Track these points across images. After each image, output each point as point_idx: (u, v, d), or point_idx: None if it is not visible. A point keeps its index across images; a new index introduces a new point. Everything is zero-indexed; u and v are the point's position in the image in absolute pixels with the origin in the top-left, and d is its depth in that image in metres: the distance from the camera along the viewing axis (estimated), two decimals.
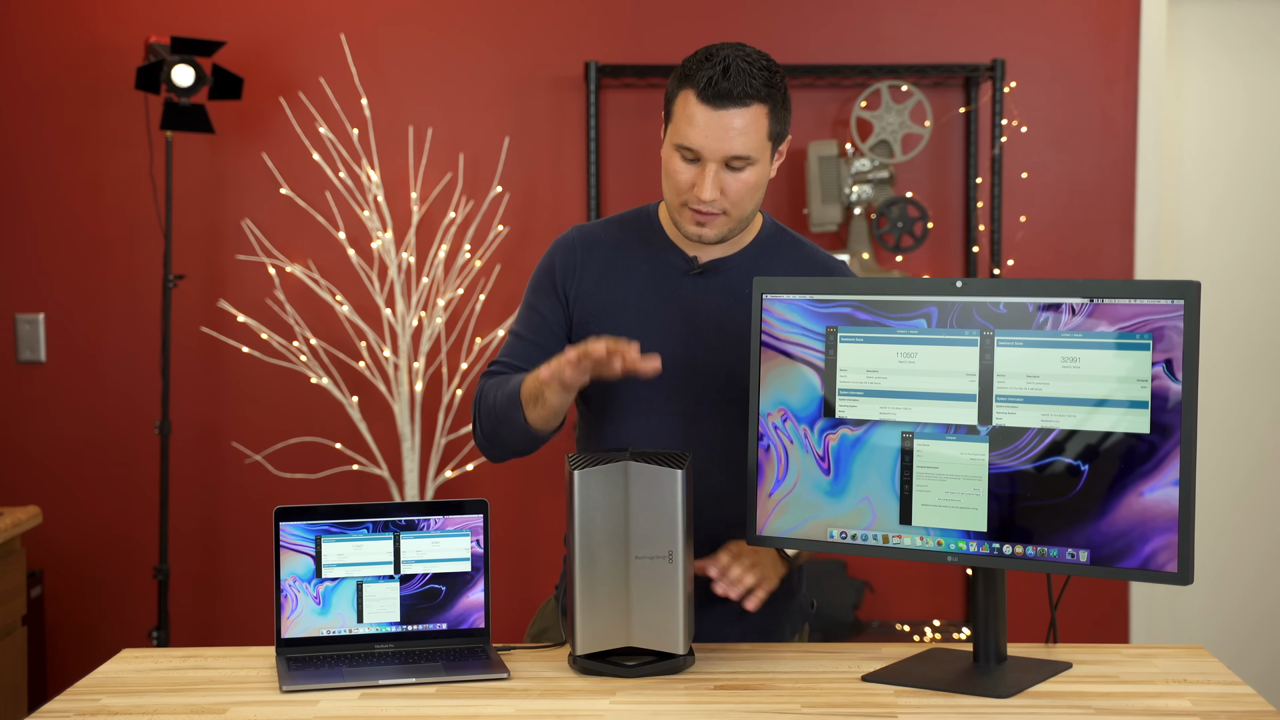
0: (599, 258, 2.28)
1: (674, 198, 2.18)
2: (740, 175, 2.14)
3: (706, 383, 2.24)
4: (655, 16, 4.18)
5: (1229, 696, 1.93)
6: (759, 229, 2.30)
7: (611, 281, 2.27)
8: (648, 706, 1.90)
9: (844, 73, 4.06)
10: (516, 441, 2.22)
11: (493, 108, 4.20)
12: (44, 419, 4.25)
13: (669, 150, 2.17)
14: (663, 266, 2.26)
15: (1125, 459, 1.90)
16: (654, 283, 2.26)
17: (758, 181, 2.16)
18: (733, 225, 2.19)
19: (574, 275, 2.28)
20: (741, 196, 2.16)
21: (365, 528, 2.13)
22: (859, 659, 2.11)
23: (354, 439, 4.18)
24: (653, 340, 2.23)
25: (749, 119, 2.11)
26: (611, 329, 2.24)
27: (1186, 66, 4.31)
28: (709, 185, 2.12)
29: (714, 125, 2.10)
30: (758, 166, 2.15)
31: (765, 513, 2.11)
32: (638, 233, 2.30)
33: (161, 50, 3.90)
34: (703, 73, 2.11)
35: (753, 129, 2.12)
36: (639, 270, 2.27)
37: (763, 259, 2.27)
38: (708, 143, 2.11)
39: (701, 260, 2.26)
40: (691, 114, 2.12)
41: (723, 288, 2.25)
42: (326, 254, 4.17)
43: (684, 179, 2.15)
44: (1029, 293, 1.97)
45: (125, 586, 4.25)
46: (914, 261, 4.21)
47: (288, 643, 2.11)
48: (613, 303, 2.25)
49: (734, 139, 2.10)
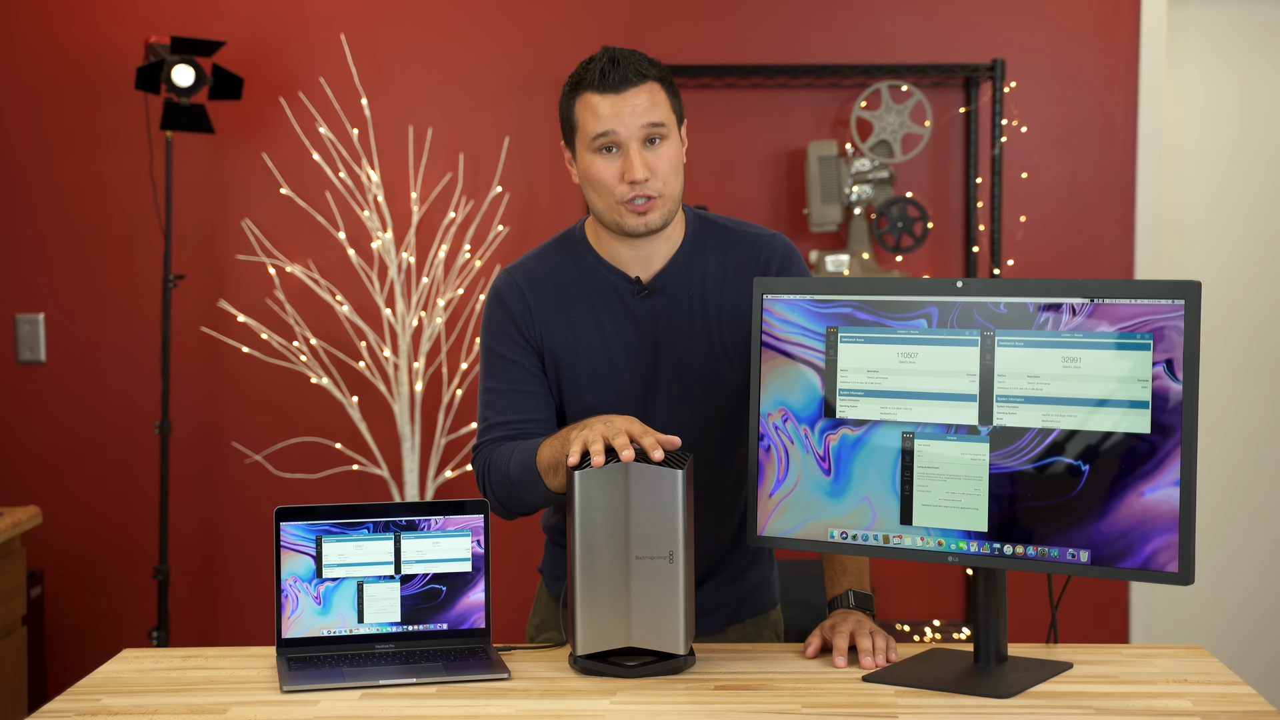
0: (547, 295, 2.26)
1: (607, 200, 2.18)
2: (660, 151, 2.16)
3: (680, 397, 2.24)
4: (655, 16, 4.18)
5: (1229, 696, 1.93)
6: (684, 227, 2.28)
7: (568, 317, 2.25)
8: (648, 706, 1.90)
9: (844, 73, 4.06)
10: (536, 505, 2.21)
11: (493, 108, 4.20)
12: (44, 419, 4.25)
13: (586, 158, 2.18)
14: (608, 291, 2.25)
15: (1126, 459, 1.90)
16: (606, 310, 2.24)
17: (677, 157, 2.19)
18: (670, 206, 2.19)
19: (531, 316, 2.25)
20: (668, 173, 2.17)
21: (366, 528, 2.13)
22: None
23: (354, 439, 4.18)
24: (623, 367, 2.23)
25: (650, 94, 2.16)
26: (584, 364, 2.24)
27: (1186, 66, 4.31)
28: (637, 164, 2.14)
29: (620, 105, 2.14)
30: (672, 141, 2.18)
31: (766, 513, 2.11)
32: (572, 258, 2.27)
33: (161, 50, 3.90)
34: (590, 72, 2.16)
35: (657, 101, 2.16)
36: (587, 300, 2.25)
37: (696, 260, 2.26)
38: (620, 121, 2.14)
39: (643, 279, 2.24)
40: (596, 106, 2.15)
41: (670, 302, 2.24)
42: (326, 254, 4.17)
43: (610, 173, 2.16)
44: (1029, 293, 1.97)
45: (125, 586, 4.25)
46: (914, 261, 4.21)
47: (288, 643, 2.11)
48: (577, 338, 2.24)
49: (643, 112, 2.14)
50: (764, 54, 4.15)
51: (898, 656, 2.09)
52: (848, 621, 2.13)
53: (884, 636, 2.10)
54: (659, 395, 2.24)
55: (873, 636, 2.09)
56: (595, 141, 2.15)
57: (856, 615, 2.15)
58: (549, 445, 2.12)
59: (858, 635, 2.09)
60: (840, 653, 2.07)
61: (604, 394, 2.23)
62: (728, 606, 2.34)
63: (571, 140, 2.21)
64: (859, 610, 2.18)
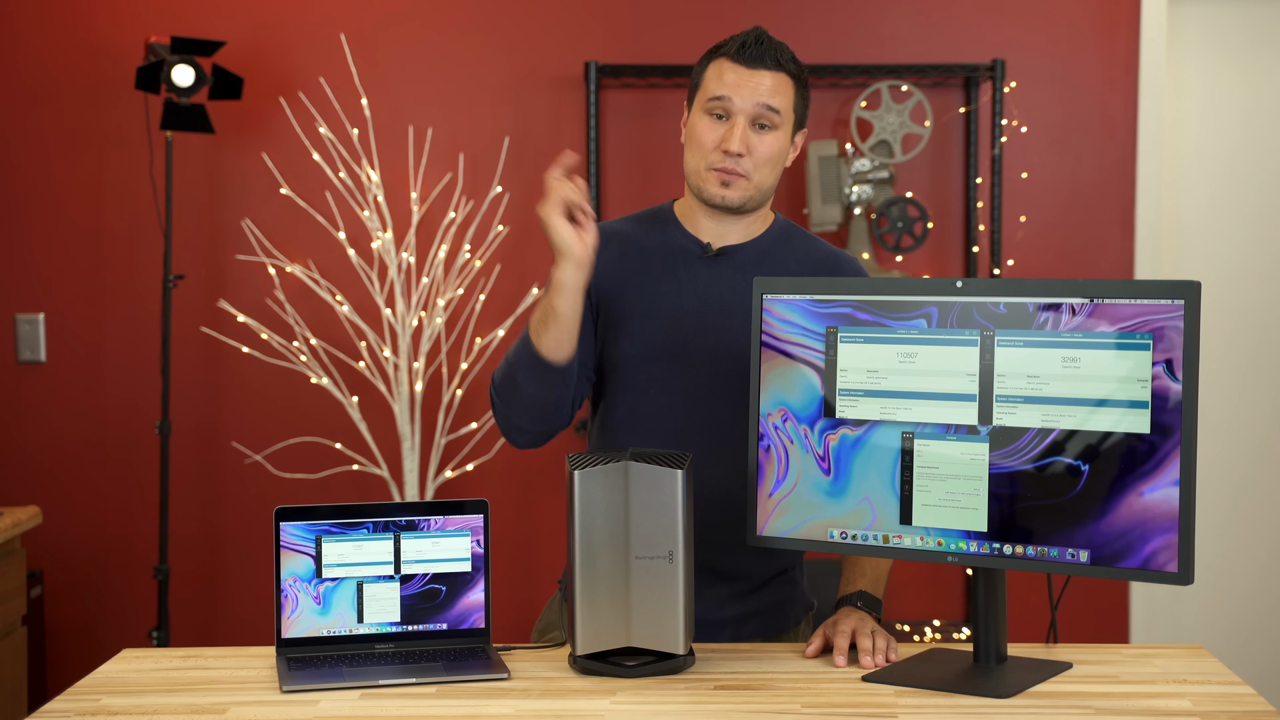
0: (615, 245, 2.31)
1: (699, 160, 2.24)
2: (765, 138, 2.21)
3: (719, 362, 2.25)
4: (655, 16, 4.18)
5: (1229, 696, 1.93)
6: (771, 222, 2.35)
7: (627, 267, 2.30)
8: (648, 706, 1.90)
9: (844, 73, 4.06)
10: (531, 389, 2.18)
11: (493, 108, 4.20)
12: (44, 419, 4.25)
13: (696, 115, 2.24)
14: (677, 251, 2.30)
15: (1125, 459, 1.90)
16: (668, 265, 2.29)
17: (780, 149, 2.23)
18: (753, 193, 2.24)
19: (594, 265, 2.27)
20: (764, 160, 2.22)
21: (365, 528, 2.13)
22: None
23: (354, 439, 4.18)
24: (666, 322, 2.26)
25: (778, 82, 2.22)
26: (625, 308, 2.28)
27: (1186, 66, 4.31)
28: (737, 137, 2.19)
29: (746, 79, 2.21)
30: (780, 133, 2.23)
31: (765, 513, 2.12)
32: (654, 223, 2.35)
33: (161, 50, 3.90)
34: (735, 40, 2.23)
35: (782, 91, 2.22)
36: (654, 254, 2.31)
37: (775, 248, 2.31)
38: (739, 92, 2.20)
39: (715, 246, 2.29)
40: (723, 71, 2.22)
41: (737, 270, 2.28)
42: (326, 254, 4.17)
43: (711, 136, 2.22)
44: (1029, 293, 1.97)
45: (125, 586, 4.25)
46: (914, 261, 4.21)
47: (288, 643, 2.11)
48: (627, 286, 2.29)
49: (764, 92, 2.20)
50: None
51: (898, 656, 2.09)
52: (849, 621, 2.13)
53: (884, 636, 2.10)
54: (694, 356, 2.26)
55: (873, 636, 2.09)
56: (710, 103, 2.22)
57: (859, 615, 2.16)
58: (540, 302, 2.17)
59: (858, 635, 2.10)
60: (840, 652, 2.07)
61: (641, 344, 2.27)
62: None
63: (692, 97, 2.27)
64: (864, 611, 2.18)
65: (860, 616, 2.15)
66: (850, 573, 2.25)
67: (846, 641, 2.09)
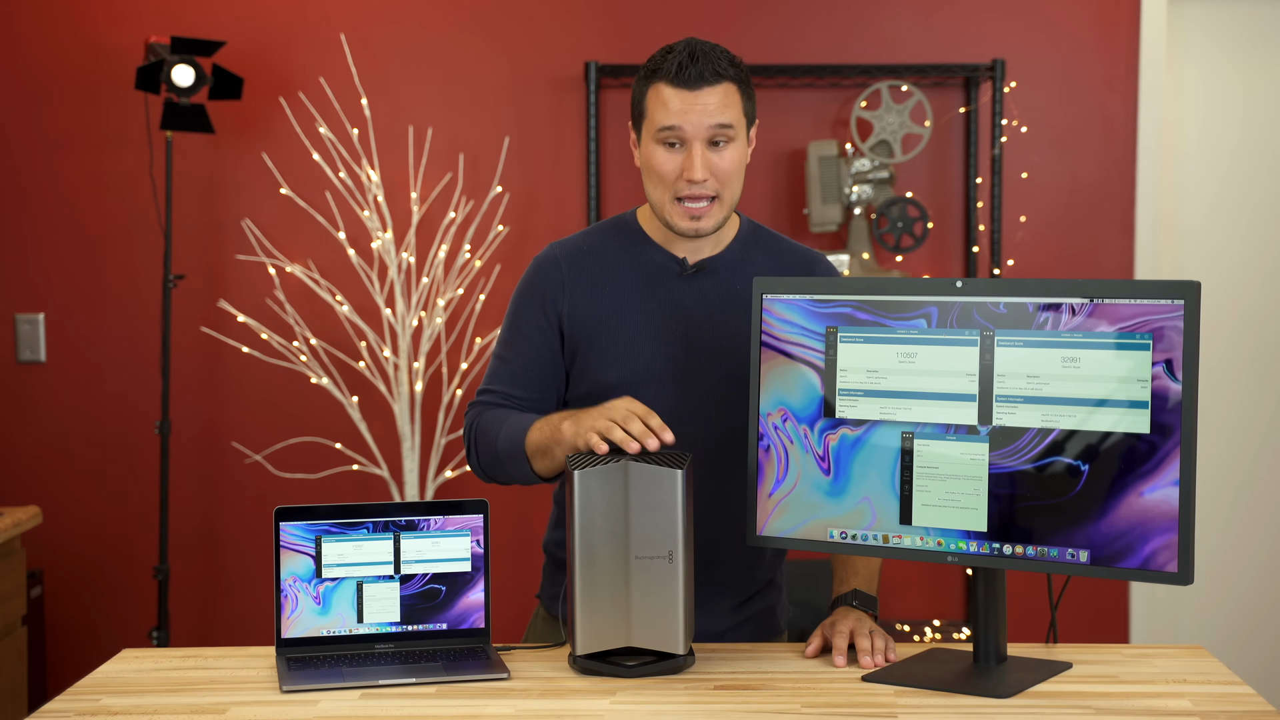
0: (586, 270, 2.27)
1: (662, 193, 2.18)
2: (724, 153, 2.16)
3: (708, 383, 2.24)
4: (655, 16, 4.18)
5: (1229, 696, 1.93)
6: (737, 228, 2.30)
7: (603, 292, 2.25)
8: (648, 706, 1.90)
9: (844, 73, 4.07)
10: (518, 481, 2.24)
11: (493, 108, 4.20)
12: (44, 419, 4.25)
13: (649, 146, 2.18)
14: (653, 270, 2.25)
15: (1125, 459, 1.90)
16: (647, 288, 2.25)
17: (741, 160, 2.18)
18: (725, 211, 2.20)
19: (562, 292, 2.26)
20: (729, 176, 2.17)
21: (365, 528, 2.13)
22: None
23: (354, 439, 4.18)
24: (654, 345, 2.23)
25: (723, 94, 2.14)
26: (611, 339, 2.24)
27: (1186, 67, 4.31)
28: (698, 165, 2.14)
29: (691, 104, 2.13)
30: (738, 144, 2.17)
31: (765, 513, 2.11)
32: (621, 239, 2.29)
33: (161, 50, 3.90)
34: (669, 63, 2.14)
35: (730, 103, 2.15)
36: (630, 277, 2.26)
37: (748, 255, 2.28)
38: (688, 119, 2.13)
39: (690, 261, 2.25)
40: (667, 100, 2.14)
41: (717, 286, 2.25)
42: (326, 254, 4.17)
43: (670, 167, 2.16)
44: (1029, 293, 1.97)
45: (125, 586, 4.25)
46: (914, 261, 4.21)
47: (288, 643, 2.11)
48: (609, 313, 2.24)
49: (713, 112, 2.13)
50: (764, 54, 4.15)
51: (897, 656, 2.09)
52: (847, 621, 2.13)
53: (883, 636, 2.10)
54: (686, 377, 2.23)
55: (872, 636, 2.09)
56: (661, 133, 2.15)
57: (857, 614, 2.15)
58: (538, 429, 2.13)
59: (857, 635, 2.10)
60: (840, 652, 2.07)
61: (629, 371, 2.23)
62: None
63: (639, 125, 2.21)
64: (860, 610, 2.18)
65: (858, 616, 2.15)
66: (843, 572, 2.25)
67: (845, 641, 2.09)
